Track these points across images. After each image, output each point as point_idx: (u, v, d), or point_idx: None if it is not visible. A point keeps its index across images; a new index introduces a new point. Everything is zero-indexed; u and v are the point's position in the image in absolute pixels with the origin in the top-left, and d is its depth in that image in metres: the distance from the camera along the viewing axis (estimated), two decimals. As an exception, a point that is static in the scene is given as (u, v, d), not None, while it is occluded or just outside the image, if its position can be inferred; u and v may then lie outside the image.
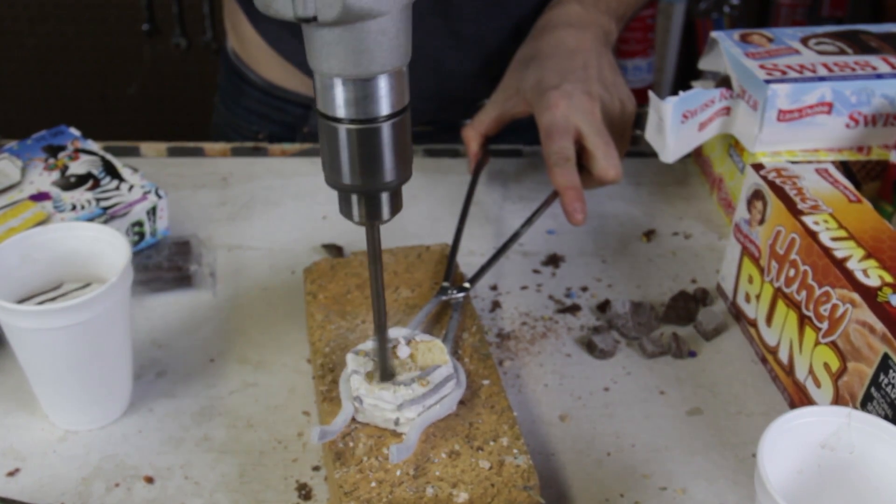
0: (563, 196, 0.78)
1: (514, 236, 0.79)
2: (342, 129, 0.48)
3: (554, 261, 0.83)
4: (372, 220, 0.52)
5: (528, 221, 0.80)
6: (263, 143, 0.98)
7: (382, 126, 0.48)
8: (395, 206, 0.53)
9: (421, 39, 0.93)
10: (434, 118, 1.03)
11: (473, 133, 0.87)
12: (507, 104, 0.86)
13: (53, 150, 0.81)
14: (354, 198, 0.52)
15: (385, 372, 0.59)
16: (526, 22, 0.95)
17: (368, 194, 0.51)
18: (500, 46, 0.96)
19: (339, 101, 0.48)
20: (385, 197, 0.52)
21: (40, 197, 0.77)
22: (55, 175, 0.79)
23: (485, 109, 0.88)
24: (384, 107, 0.48)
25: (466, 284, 0.72)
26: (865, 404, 0.60)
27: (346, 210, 0.53)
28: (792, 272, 0.67)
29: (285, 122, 1.05)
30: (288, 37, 0.98)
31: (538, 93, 0.81)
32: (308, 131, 1.04)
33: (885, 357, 0.57)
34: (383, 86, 0.47)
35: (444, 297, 0.71)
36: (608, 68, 0.84)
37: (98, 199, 0.77)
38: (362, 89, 0.47)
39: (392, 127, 0.49)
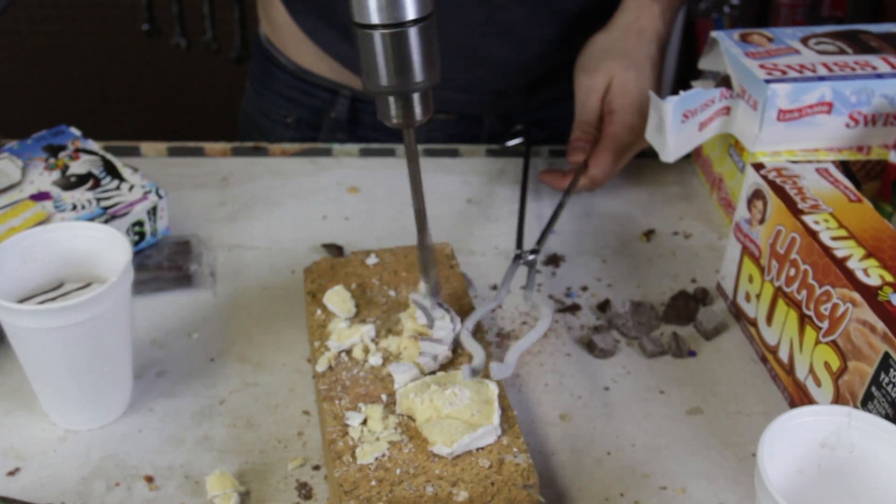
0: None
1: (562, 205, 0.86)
2: (376, 35, 0.55)
3: (554, 260, 0.83)
4: (407, 120, 0.59)
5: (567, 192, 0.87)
6: (263, 143, 0.98)
7: (410, 30, 0.55)
8: (427, 109, 0.59)
9: (456, 27, 0.94)
10: (461, 109, 1.03)
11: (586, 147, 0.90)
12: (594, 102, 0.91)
13: (54, 150, 0.81)
14: (391, 100, 0.58)
15: (428, 273, 0.65)
16: (567, 14, 0.95)
17: (402, 95, 0.57)
18: (536, 36, 0.96)
19: (372, 8, 0.54)
20: (416, 98, 0.58)
21: (41, 197, 0.77)
22: (55, 175, 0.79)
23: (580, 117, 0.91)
24: (410, 12, 0.55)
25: (536, 248, 0.80)
26: (866, 403, 0.60)
27: (384, 113, 0.59)
28: (792, 271, 0.67)
29: (314, 106, 1.07)
30: (324, 27, 0.99)
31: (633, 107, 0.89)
32: (335, 116, 1.06)
33: (886, 356, 0.57)
34: None
35: (521, 262, 0.79)
36: None
37: (98, 199, 0.77)
38: None
39: (419, 31, 0.55)
